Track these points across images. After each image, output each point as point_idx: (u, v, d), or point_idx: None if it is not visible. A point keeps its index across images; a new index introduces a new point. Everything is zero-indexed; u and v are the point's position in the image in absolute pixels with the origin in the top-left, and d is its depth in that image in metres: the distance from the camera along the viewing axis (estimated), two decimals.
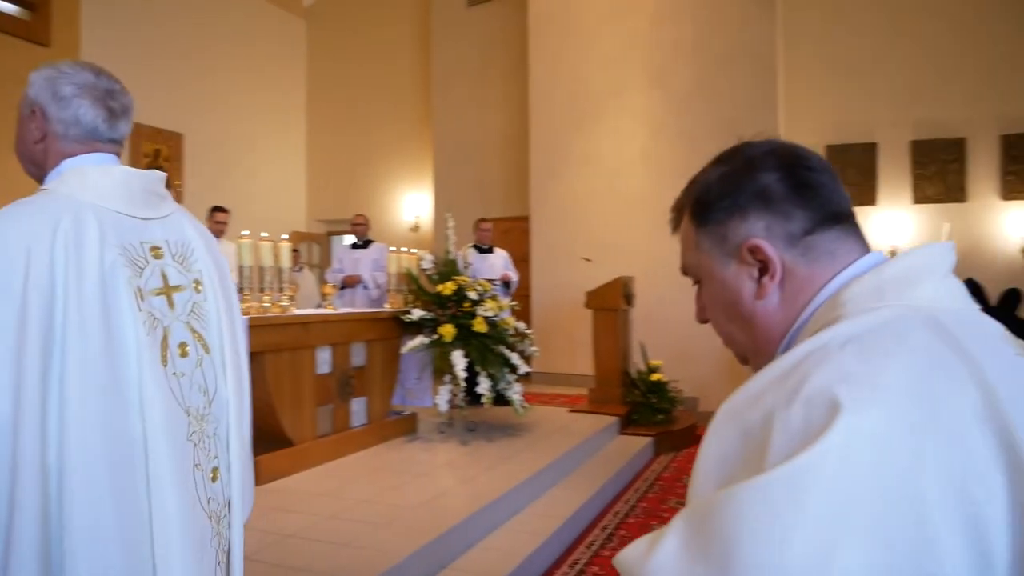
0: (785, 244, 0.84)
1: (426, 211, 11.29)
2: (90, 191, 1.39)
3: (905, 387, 0.67)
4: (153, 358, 1.37)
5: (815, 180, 0.85)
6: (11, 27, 8.03)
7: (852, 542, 0.62)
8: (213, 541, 1.48)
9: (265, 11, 11.51)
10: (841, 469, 0.63)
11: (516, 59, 10.11)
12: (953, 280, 0.81)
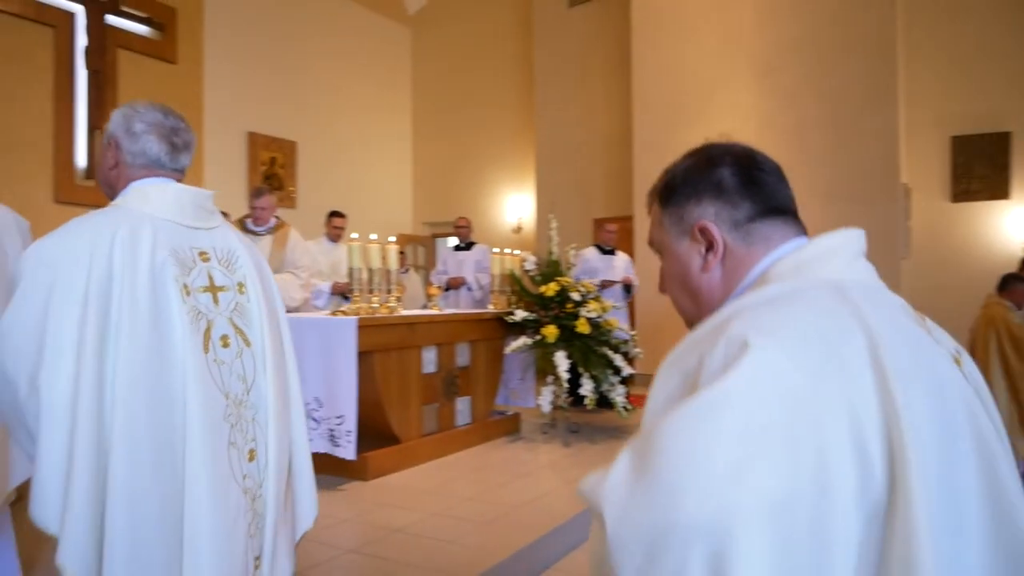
0: (729, 228, 1.01)
1: (528, 212, 11.35)
2: (148, 204, 1.66)
3: (804, 333, 0.83)
4: (196, 344, 1.59)
5: (762, 178, 1.02)
6: (141, 47, 8.62)
7: (763, 460, 0.76)
8: (247, 514, 1.64)
9: (372, 21, 11.88)
10: (749, 394, 0.78)
11: (618, 58, 10.01)
12: (861, 261, 0.99)
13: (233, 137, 9.53)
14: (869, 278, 0.97)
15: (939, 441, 0.81)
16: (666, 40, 9.02)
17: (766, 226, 1.00)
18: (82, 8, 8.09)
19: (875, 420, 0.79)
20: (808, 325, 0.84)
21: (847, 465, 0.77)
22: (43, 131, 7.81)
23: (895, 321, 0.89)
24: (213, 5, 9.45)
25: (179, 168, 1.77)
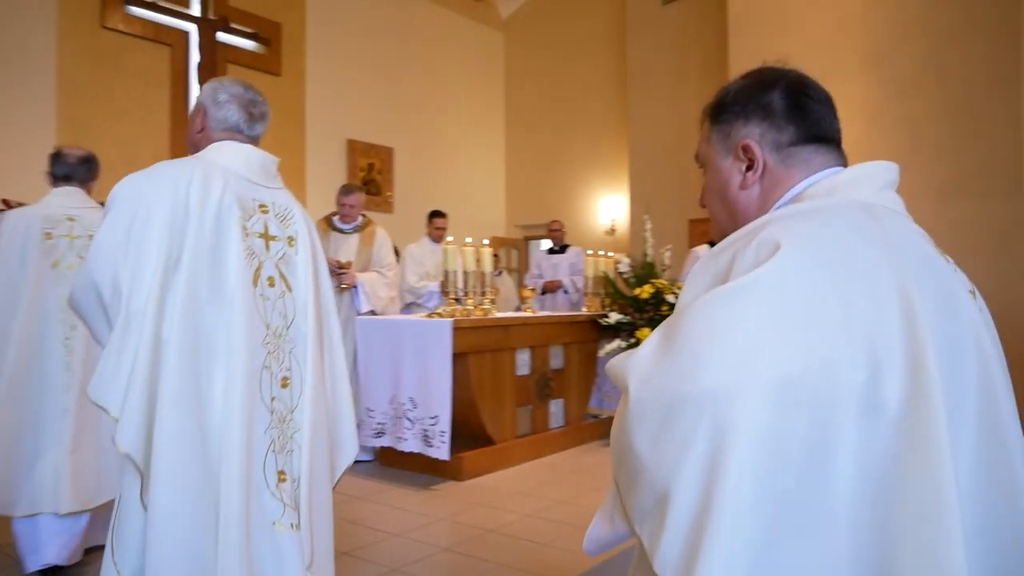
0: (772, 149, 1.06)
1: (622, 214, 11.23)
2: (223, 158, 1.93)
3: (834, 242, 0.88)
4: (247, 278, 1.85)
5: (810, 105, 1.07)
6: (248, 61, 9.04)
7: (777, 343, 0.81)
8: (271, 431, 1.86)
9: (465, 28, 12.05)
10: (774, 285, 0.84)
11: (714, 54, 9.77)
12: (891, 192, 1.03)
13: (333, 144, 9.85)
14: (897, 206, 1.02)
15: (950, 359, 0.85)
16: (765, 33, 8.73)
17: (807, 151, 1.05)
18: (195, 27, 8.55)
19: (896, 333, 0.83)
20: (838, 236, 0.90)
21: (858, 369, 0.81)
22: (160, 143, 8.30)
23: (918, 245, 0.95)
24: (315, 19, 9.81)
25: (254, 135, 2.04)
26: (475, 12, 12.19)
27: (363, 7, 10.40)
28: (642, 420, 0.87)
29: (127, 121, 7.87)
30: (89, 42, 7.67)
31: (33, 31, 7.28)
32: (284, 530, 1.82)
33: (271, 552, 1.79)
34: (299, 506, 1.85)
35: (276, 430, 1.86)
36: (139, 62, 8.10)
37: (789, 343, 0.81)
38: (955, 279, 0.95)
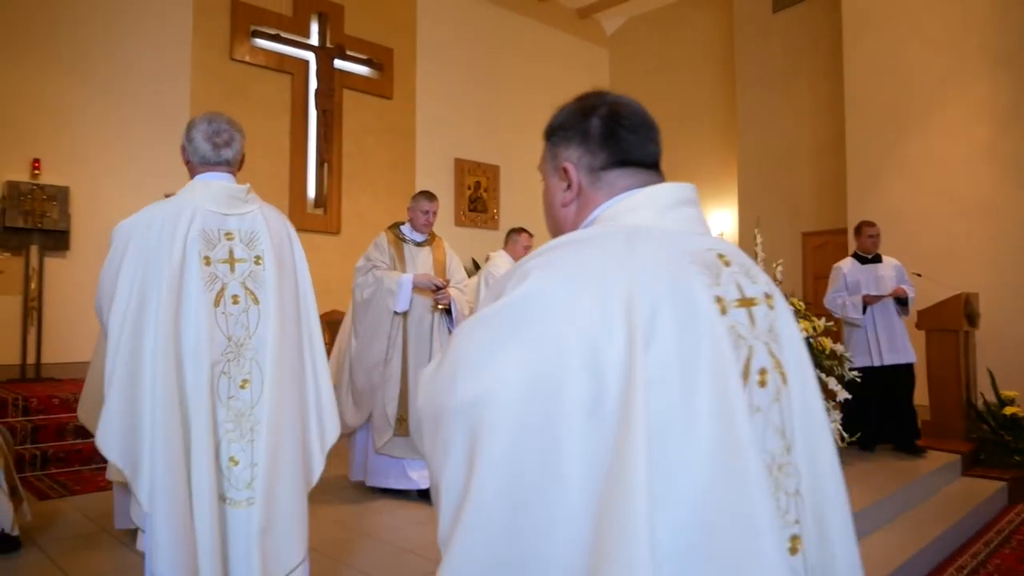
0: (586, 172, 1.16)
1: (730, 227, 10.96)
2: (196, 196, 2.30)
3: (578, 270, 0.99)
4: (207, 300, 2.23)
5: (621, 133, 1.16)
6: (363, 86, 9.44)
7: (510, 351, 0.95)
8: (226, 424, 2.23)
9: (571, 45, 12.13)
10: (516, 306, 0.98)
11: (827, 60, 9.42)
12: (679, 210, 1.12)
13: (441, 163, 10.12)
14: (679, 224, 1.10)
15: (680, 366, 0.93)
16: (883, 36, 8.34)
17: (614, 175, 1.15)
18: (314, 56, 9.01)
19: (618, 344, 0.93)
20: (582, 263, 1.00)
21: (580, 378, 0.92)
22: (280, 166, 8.76)
23: (667, 264, 1.01)
24: (424, 43, 10.14)
25: (222, 160, 2.36)
26: (580, 29, 12.26)
27: (470, 30, 10.66)
28: (423, 428, 1.05)
29: (251, 147, 8.30)
30: (219, 73, 8.22)
31: (170, 67, 7.87)
32: (232, 507, 2.23)
33: (212, 520, 2.16)
34: (254, 485, 2.24)
35: (232, 423, 2.25)
36: (263, 91, 8.61)
37: (525, 357, 0.95)
38: (702, 290, 1.00)
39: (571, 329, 0.94)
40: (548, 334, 0.95)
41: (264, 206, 2.45)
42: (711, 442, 0.92)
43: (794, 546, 1.02)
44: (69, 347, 6.93)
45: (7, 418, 5.47)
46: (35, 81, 7.01)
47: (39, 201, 6.83)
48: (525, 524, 0.92)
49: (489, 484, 0.92)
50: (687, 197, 1.15)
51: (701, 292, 1.00)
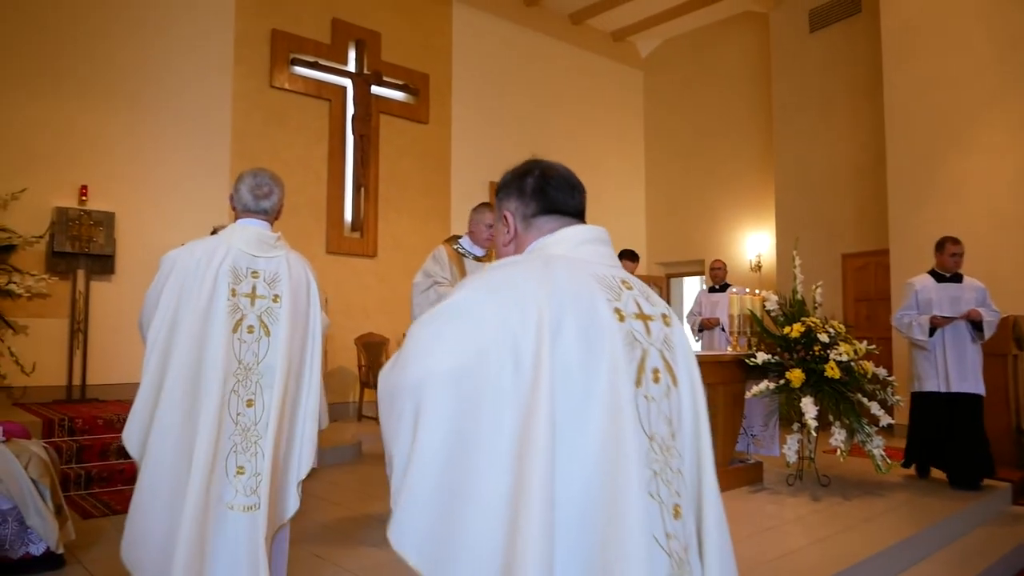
0: (521, 219, 1.49)
1: (766, 249, 10.83)
2: (232, 237, 2.67)
3: (501, 282, 1.28)
4: (227, 327, 2.55)
5: (548, 190, 1.48)
6: (398, 111, 9.58)
7: (446, 342, 1.23)
8: (233, 437, 2.52)
9: (605, 67, 12.18)
10: (450, 309, 1.27)
11: (866, 79, 9.31)
12: (589, 247, 1.43)
13: (476, 187, 10.19)
14: (590, 256, 1.41)
15: (580, 356, 1.22)
16: (924, 55, 8.22)
17: (542, 220, 1.47)
18: (351, 82, 9.17)
19: (531, 337, 1.20)
20: (507, 277, 1.30)
21: (505, 358, 1.20)
22: (318, 191, 8.91)
23: (574, 281, 1.30)
24: (460, 68, 10.27)
25: (261, 209, 2.73)
26: (615, 52, 12.31)
27: (505, 54, 10.77)
28: (383, 406, 1.32)
29: (290, 171, 8.53)
30: (259, 101, 8.42)
31: (212, 95, 8.08)
32: (238, 511, 2.48)
33: (223, 523, 2.44)
34: (260, 492, 2.50)
35: (239, 436, 2.53)
36: (301, 117, 8.78)
37: (458, 344, 1.23)
38: (602, 304, 1.30)
39: (495, 324, 1.22)
40: (477, 328, 1.24)
41: (290, 253, 2.79)
42: (602, 420, 1.21)
43: (676, 512, 1.30)
44: (113, 369, 7.08)
45: (53, 438, 5.59)
46: (83, 111, 7.25)
47: (86, 226, 7.02)
48: (457, 473, 1.19)
49: (429, 441, 1.19)
50: (599, 237, 1.47)
51: (602, 303, 1.30)
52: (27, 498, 3.49)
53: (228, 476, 2.49)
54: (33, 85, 6.99)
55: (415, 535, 1.20)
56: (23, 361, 6.64)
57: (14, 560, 3.52)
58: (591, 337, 1.24)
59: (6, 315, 6.60)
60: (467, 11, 10.36)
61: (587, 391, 1.21)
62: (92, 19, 7.34)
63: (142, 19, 7.64)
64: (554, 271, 1.30)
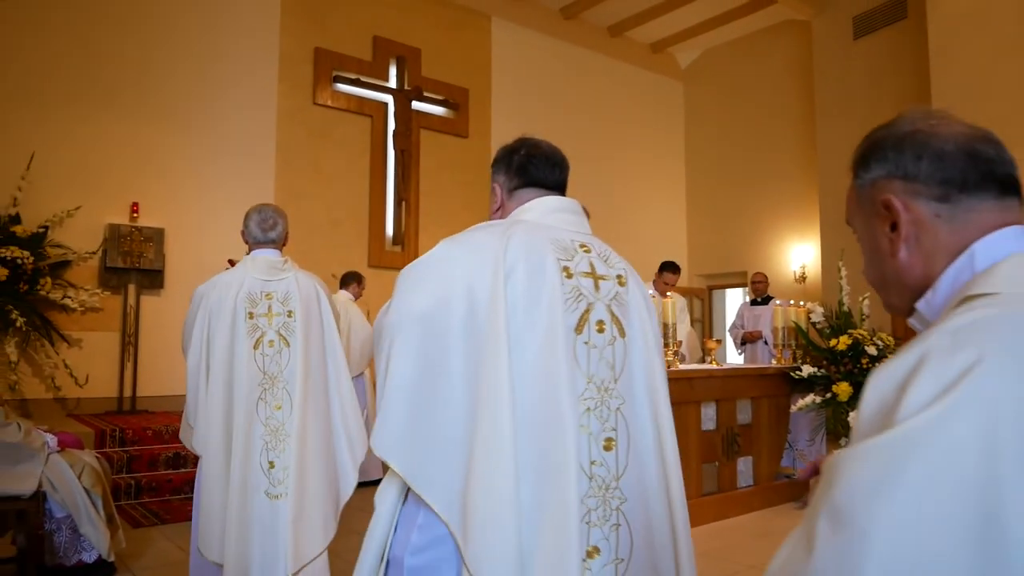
0: (506, 191, 1.75)
1: (811, 260, 10.65)
2: (247, 267, 3.07)
3: (469, 236, 1.60)
4: (249, 343, 2.96)
5: (529, 164, 1.73)
6: (439, 125, 9.67)
7: (421, 288, 1.53)
8: (264, 436, 2.92)
9: (645, 79, 12.14)
10: (422, 261, 1.58)
11: (912, 86, 9.13)
12: (558, 215, 1.69)
13: None
14: (557, 223, 1.65)
15: (526, 299, 1.47)
16: (973, 61, 8.03)
17: (523, 192, 1.72)
18: (392, 98, 9.30)
19: (488, 286, 1.45)
20: (475, 238, 1.55)
21: (462, 304, 1.45)
22: (360, 205, 9.03)
23: (530, 241, 1.53)
24: (499, 82, 10.34)
25: (268, 239, 3.10)
26: (654, 63, 12.27)
27: (545, 68, 10.82)
28: (375, 341, 1.59)
29: (333, 186, 8.66)
30: (303, 118, 8.58)
31: (257, 113, 8.27)
32: (270, 499, 2.87)
33: (260, 507, 2.87)
34: (287, 483, 2.87)
35: (270, 436, 2.92)
36: (344, 132, 8.92)
37: (426, 291, 1.48)
38: (551, 260, 1.53)
39: (460, 274, 1.47)
40: (441, 277, 1.49)
41: (298, 272, 3.16)
42: (541, 349, 1.45)
43: (608, 445, 1.51)
44: (162, 381, 7.25)
45: (105, 448, 5.74)
46: (134, 130, 7.47)
47: (137, 242, 7.22)
48: (425, 388, 1.44)
49: (402, 365, 1.45)
50: (567, 207, 1.72)
51: (551, 260, 1.52)
52: (80, 507, 3.59)
53: (263, 469, 2.91)
54: (87, 107, 7.24)
55: (392, 438, 1.43)
56: (76, 373, 6.84)
57: (68, 567, 3.62)
58: (536, 284, 1.49)
59: (61, 329, 6.81)
60: (506, 26, 10.44)
61: (530, 325, 1.46)
62: (143, 41, 7.57)
63: (190, 41, 7.86)
64: (514, 232, 1.53)
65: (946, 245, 0.87)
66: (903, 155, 0.93)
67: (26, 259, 6.44)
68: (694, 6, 10.65)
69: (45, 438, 3.67)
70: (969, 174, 0.87)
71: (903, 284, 0.92)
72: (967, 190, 0.87)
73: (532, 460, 1.40)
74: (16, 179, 6.69)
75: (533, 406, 1.42)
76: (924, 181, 0.89)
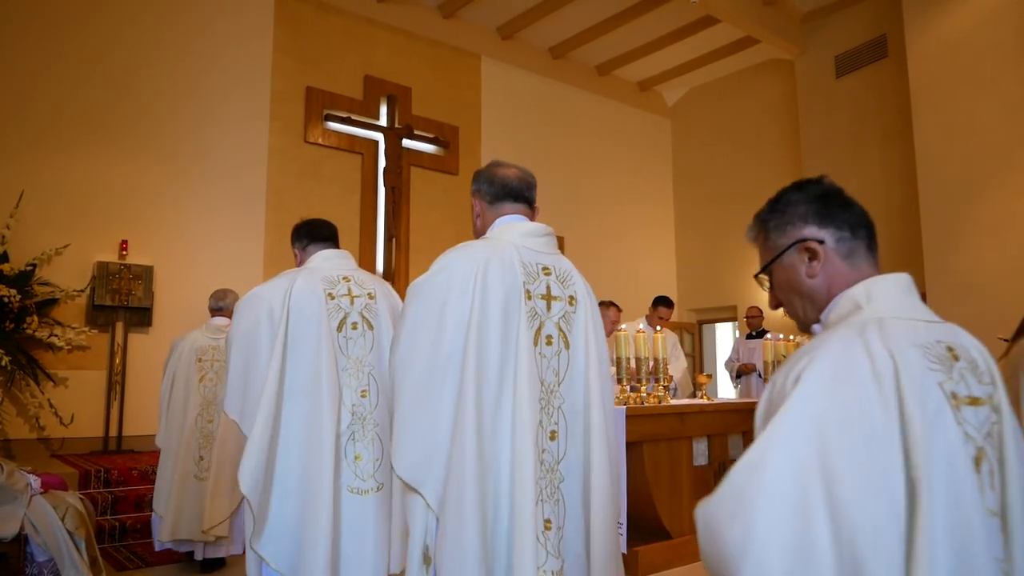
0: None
1: None
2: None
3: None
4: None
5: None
6: (429, 163, 9.74)
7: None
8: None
9: (632, 116, 12.30)
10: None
11: (895, 123, 9.28)
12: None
13: None
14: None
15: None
16: (953, 98, 8.19)
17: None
18: (383, 136, 9.38)
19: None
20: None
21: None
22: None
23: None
24: (489, 120, 10.45)
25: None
26: (642, 101, 12.45)
27: (534, 106, 10.95)
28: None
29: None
30: (294, 155, 8.63)
31: (248, 150, 8.31)
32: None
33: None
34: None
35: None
36: (334, 170, 8.97)
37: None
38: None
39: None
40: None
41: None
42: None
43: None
44: (149, 421, 7.16)
45: (89, 489, 5.64)
46: (125, 167, 7.49)
47: (126, 280, 7.19)
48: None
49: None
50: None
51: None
52: (63, 550, 3.51)
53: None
54: (78, 145, 7.25)
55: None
56: (62, 412, 6.75)
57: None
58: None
59: (47, 367, 6.74)
60: (496, 65, 10.59)
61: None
62: (135, 79, 7.62)
63: (182, 79, 7.92)
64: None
65: None
66: None
67: (12, 297, 6.39)
68: (680, 46, 10.86)
69: (28, 479, 3.61)
70: None
71: None
72: None
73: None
74: (4, 217, 6.67)
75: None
76: None
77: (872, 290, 1.27)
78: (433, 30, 9.92)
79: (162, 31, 7.83)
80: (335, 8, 9.06)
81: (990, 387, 1.21)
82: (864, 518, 1.02)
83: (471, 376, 1.87)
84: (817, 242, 1.27)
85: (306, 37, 8.83)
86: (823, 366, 1.10)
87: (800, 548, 1.00)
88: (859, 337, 1.13)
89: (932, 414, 1.10)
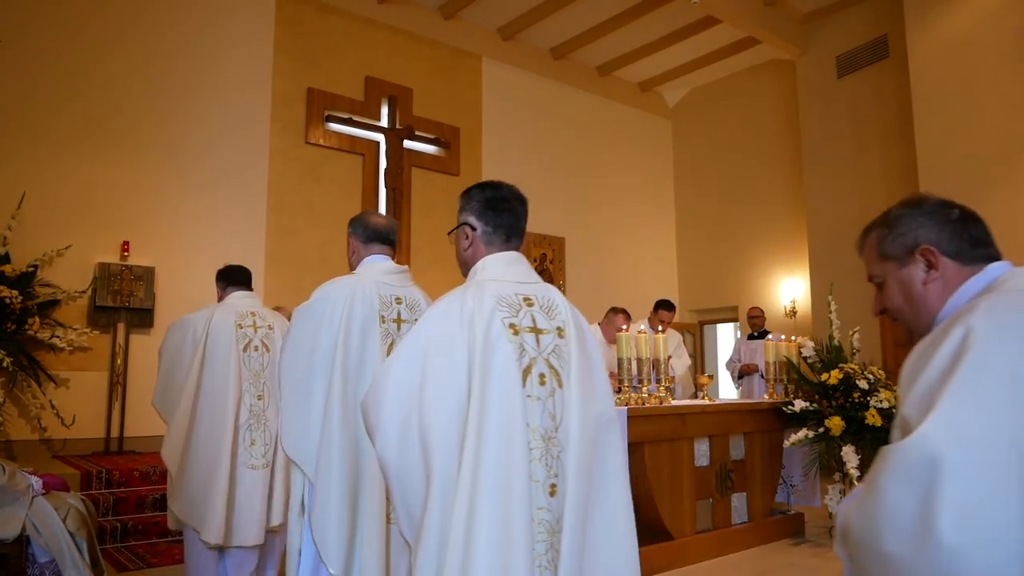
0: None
1: (801, 294, 10.70)
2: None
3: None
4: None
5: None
6: (430, 163, 9.74)
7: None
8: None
9: (633, 118, 12.30)
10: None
11: (896, 123, 9.28)
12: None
13: None
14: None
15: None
16: (955, 98, 8.19)
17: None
18: (384, 137, 9.38)
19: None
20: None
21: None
22: None
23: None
24: (490, 121, 10.45)
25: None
26: (642, 102, 12.45)
27: (535, 107, 10.96)
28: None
29: (324, 224, 8.68)
30: (295, 156, 8.63)
31: (250, 152, 8.31)
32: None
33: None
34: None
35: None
36: (335, 171, 8.98)
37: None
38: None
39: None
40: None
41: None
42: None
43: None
44: (150, 421, 7.14)
45: (91, 490, 5.64)
46: (126, 168, 7.49)
47: (127, 281, 7.19)
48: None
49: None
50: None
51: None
52: (64, 551, 3.52)
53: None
54: (79, 146, 7.26)
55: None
56: (63, 413, 6.75)
57: None
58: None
59: (48, 368, 6.74)
60: (496, 66, 10.59)
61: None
62: (136, 81, 7.63)
63: (183, 80, 7.92)
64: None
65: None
66: None
67: (14, 298, 6.39)
68: (681, 46, 10.86)
69: (29, 480, 3.61)
70: None
71: None
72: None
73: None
74: (6, 218, 6.68)
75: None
76: None
77: (486, 263, 1.88)
78: (434, 31, 9.93)
79: (162, 31, 7.84)
80: (336, 9, 9.07)
81: (559, 323, 1.84)
82: (435, 417, 1.65)
83: (338, 378, 2.48)
84: None
85: (307, 38, 8.84)
86: (437, 307, 1.78)
87: (404, 429, 1.65)
88: (461, 294, 1.78)
89: (494, 337, 1.72)
